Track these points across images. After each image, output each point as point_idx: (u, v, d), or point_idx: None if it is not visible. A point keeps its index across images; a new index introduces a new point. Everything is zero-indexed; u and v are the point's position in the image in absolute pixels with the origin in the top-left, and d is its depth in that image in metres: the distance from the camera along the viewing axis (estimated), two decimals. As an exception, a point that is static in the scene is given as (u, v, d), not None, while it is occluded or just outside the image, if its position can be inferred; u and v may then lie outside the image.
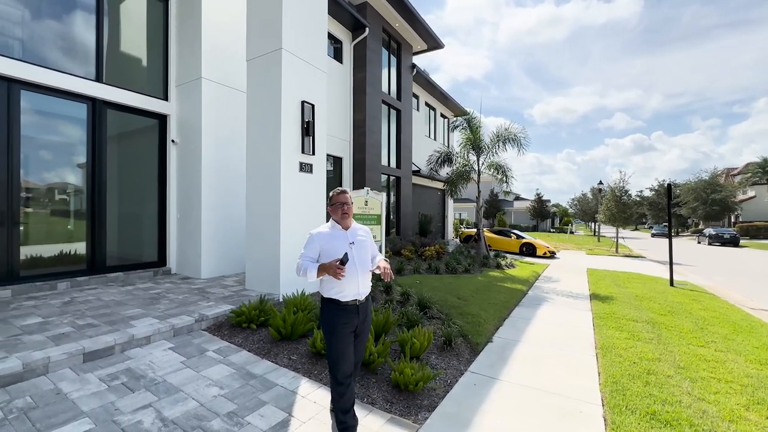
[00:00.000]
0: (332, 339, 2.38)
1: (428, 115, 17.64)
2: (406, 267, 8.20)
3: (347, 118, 11.47)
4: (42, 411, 2.53)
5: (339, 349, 2.36)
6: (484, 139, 11.33)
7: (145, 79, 6.63)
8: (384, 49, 12.74)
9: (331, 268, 2.22)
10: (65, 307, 4.46)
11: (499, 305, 6.06)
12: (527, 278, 8.82)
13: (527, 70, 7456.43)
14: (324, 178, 6.09)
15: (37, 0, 5.37)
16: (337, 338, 2.37)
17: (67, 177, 5.78)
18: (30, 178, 5.32)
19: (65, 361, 3.11)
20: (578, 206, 42.30)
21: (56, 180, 5.68)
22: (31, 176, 5.34)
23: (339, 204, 2.50)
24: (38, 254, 5.41)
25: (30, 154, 5.28)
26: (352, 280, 2.39)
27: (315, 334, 3.64)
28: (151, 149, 6.70)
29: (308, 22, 5.73)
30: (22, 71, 5.00)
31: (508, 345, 4.43)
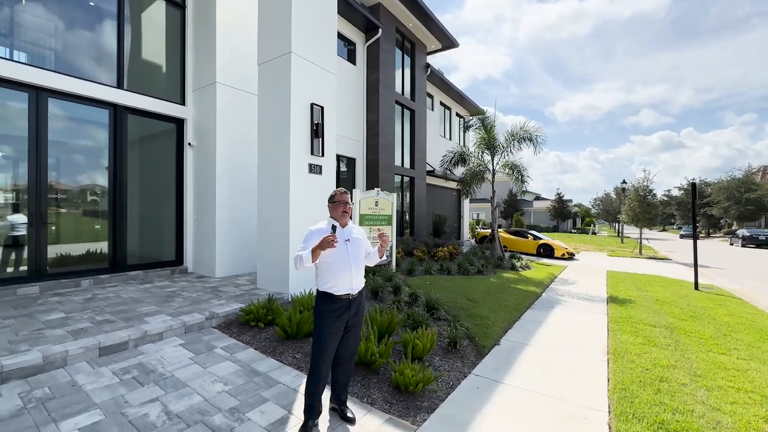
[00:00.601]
0: (320, 328, 2.50)
1: (443, 114, 17.52)
2: (417, 268, 8.17)
3: (361, 120, 11.53)
4: (58, 401, 2.67)
5: (324, 339, 2.48)
6: (499, 139, 11.15)
7: (163, 84, 6.88)
8: (397, 49, 12.74)
9: (323, 242, 2.29)
10: (86, 303, 4.69)
11: (510, 307, 5.96)
12: (542, 280, 8.63)
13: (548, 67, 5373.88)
14: (333, 179, 6.15)
15: (63, 12, 5.67)
16: (326, 329, 2.49)
17: (91, 179, 6.07)
18: (56, 180, 5.63)
19: (82, 354, 3.28)
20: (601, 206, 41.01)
21: (81, 182, 5.98)
22: (57, 179, 5.64)
23: (341, 203, 2.62)
24: (64, 253, 5.71)
25: (56, 157, 5.58)
26: (345, 274, 2.51)
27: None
28: (169, 152, 6.96)
29: (317, 25, 5.80)
30: (49, 80, 5.29)
31: (515, 348, 4.35)
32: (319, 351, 2.49)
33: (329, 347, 2.50)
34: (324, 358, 2.50)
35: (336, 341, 2.53)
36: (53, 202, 5.58)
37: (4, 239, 5.19)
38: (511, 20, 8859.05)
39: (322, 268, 2.55)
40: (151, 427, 2.45)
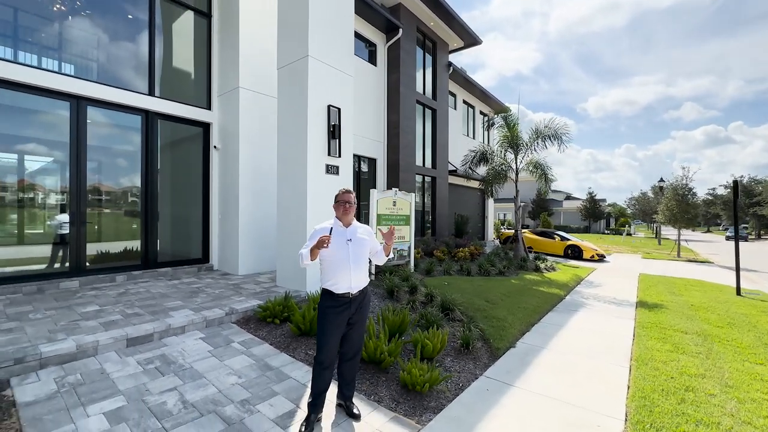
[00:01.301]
0: (322, 325, 2.58)
1: (466, 113, 17.27)
2: (436, 268, 8.11)
3: (381, 120, 11.59)
4: (87, 387, 2.89)
5: (326, 335, 2.55)
6: (523, 137, 10.86)
7: (191, 90, 7.23)
8: (418, 48, 12.70)
9: (318, 242, 2.38)
10: (119, 297, 5.01)
11: (530, 310, 5.80)
12: (566, 282, 8.33)
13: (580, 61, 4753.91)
14: (351, 179, 6.23)
15: (100, 26, 6.09)
16: (327, 325, 2.56)
17: (125, 182, 6.48)
18: (94, 183, 6.05)
19: (111, 344, 3.51)
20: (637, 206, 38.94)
21: (116, 184, 6.40)
22: (95, 181, 6.06)
23: (342, 202, 2.67)
24: (102, 251, 6.13)
25: (94, 161, 6.00)
26: (344, 274, 2.56)
27: (330, 331, 3.75)
28: (196, 155, 7.30)
29: (334, 29, 5.90)
30: (88, 89, 5.69)
31: (531, 351, 4.24)
32: (321, 346, 2.56)
33: (331, 343, 2.56)
34: (326, 354, 2.55)
35: (337, 337, 2.59)
36: (92, 203, 6.00)
37: (54, 237, 5.66)
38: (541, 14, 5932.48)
39: (325, 266, 2.62)
40: (167, 415, 2.59)
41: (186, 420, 2.54)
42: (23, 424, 2.40)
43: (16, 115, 5.32)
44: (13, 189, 5.40)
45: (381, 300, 5.53)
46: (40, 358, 3.12)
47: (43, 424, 2.42)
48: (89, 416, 2.52)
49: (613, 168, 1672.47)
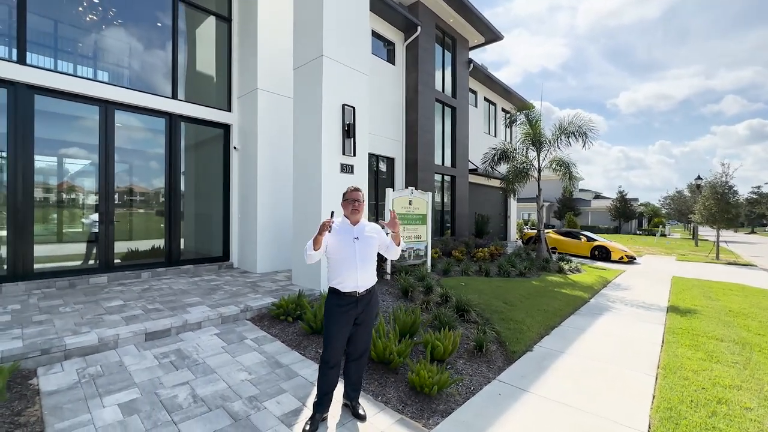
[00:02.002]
0: (328, 324, 2.56)
1: (488, 111, 16.92)
2: (453, 268, 7.97)
3: (400, 119, 11.53)
4: (106, 379, 3.00)
5: (332, 333, 2.53)
6: (546, 133, 10.50)
7: (212, 93, 7.44)
8: (438, 46, 12.54)
9: (320, 227, 2.41)
10: (143, 293, 5.21)
11: (550, 312, 5.59)
12: (591, 284, 7.98)
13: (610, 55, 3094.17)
14: (366, 178, 6.21)
15: (127, 34, 6.36)
16: (332, 324, 2.54)
17: (150, 182, 6.75)
18: (120, 183, 6.33)
19: (131, 338, 3.65)
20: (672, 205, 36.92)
21: (141, 185, 6.68)
22: (121, 182, 6.34)
23: (351, 200, 2.64)
24: (128, 248, 6.40)
25: (120, 163, 6.28)
26: (351, 272, 2.53)
27: (340, 330, 3.74)
28: (217, 156, 7.50)
29: (349, 27, 5.90)
30: (115, 94, 5.96)
31: (549, 356, 4.07)
32: (326, 345, 2.54)
33: (337, 342, 2.53)
34: (332, 353, 2.53)
35: (343, 337, 2.56)
36: (119, 203, 6.29)
37: (85, 236, 5.97)
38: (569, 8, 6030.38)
39: (331, 264, 2.60)
40: (177, 408, 2.65)
41: (195, 414, 2.59)
42: (44, 412, 2.52)
43: (52, 121, 5.64)
44: (50, 190, 5.73)
45: (395, 300, 5.48)
46: (65, 349, 3.27)
47: (62, 412, 2.53)
48: (105, 407, 2.62)
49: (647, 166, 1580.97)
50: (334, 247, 2.55)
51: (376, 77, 10.54)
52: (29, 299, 4.74)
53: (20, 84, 5.18)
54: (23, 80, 5.17)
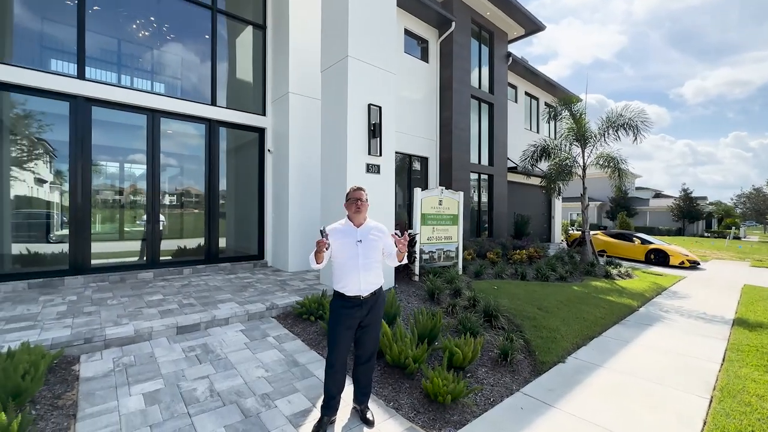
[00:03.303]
0: (333, 326, 2.53)
1: (529, 105, 16.11)
2: (487, 271, 7.65)
3: (434, 118, 11.33)
4: (137, 368, 3.21)
5: (337, 336, 2.50)
6: (591, 128, 9.76)
7: (248, 98, 7.78)
8: (474, 40, 12.16)
9: (317, 247, 2.37)
10: (181, 288, 5.55)
11: (590, 321, 5.16)
12: (643, 291, 7.27)
13: (674, 40, 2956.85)
14: (392, 178, 6.14)
15: (169, 45, 6.84)
16: (336, 327, 2.51)
17: (192, 184, 7.20)
18: (166, 185, 6.80)
19: (163, 331, 3.88)
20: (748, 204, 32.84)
21: (184, 187, 7.14)
22: (167, 184, 6.82)
23: (353, 200, 2.58)
24: (172, 246, 6.87)
25: (165, 166, 6.75)
26: (353, 276, 2.48)
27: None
28: (253, 159, 7.83)
29: (376, 27, 5.86)
30: (161, 103, 6.42)
31: (583, 369, 3.74)
32: (331, 349, 2.52)
33: (341, 345, 2.50)
34: (337, 356, 2.50)
35: (348, 340, 2.52)
36: (164, 205, 6.77)
37: (134, 234, 6.50)
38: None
39: (335, 268, 2.56)
40: (194, 401, 2.76)
41: (209, 408, 2.68)
42: (79, 397, 2.74)
43: (105, 129, 6.19)
44: (104, 193, 6.30)
45: (421, 302, 5.35)
46: (105, 339, 3.55)
47: (93, 398, 2.74)
48: (131, 396, 2.79)
49: (718, 160, 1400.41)
50: (337, 250, 2.52)
51: (409, 76, 10.45)
52: (85, 291, 5.23)
53: (80, 97, 5.74)
54: (82, 93, 5.72)
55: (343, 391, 2.61)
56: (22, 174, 5.71)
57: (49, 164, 5.96)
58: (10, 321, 3.89)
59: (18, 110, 5.63)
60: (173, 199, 7.01)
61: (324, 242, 2.33)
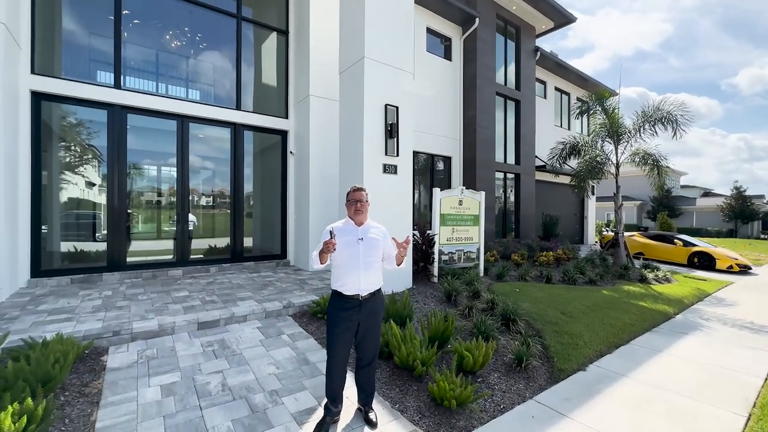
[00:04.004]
0: (331, 327, 2.55)
1: (559, 101, 15.48)
2: (510, 273, 7.41)
3: (457, 116, 11.14)
4: (158, 361, 3.38)
5: (334, 338, 2.51)
6: (625, 123, 9.22)
7: (271, 102, 8.00)
8: (499, 36, 11.84)
9: (324, 246, 2.36)
10: (207, 286, 5.80)
11: (617, 328, 4.87)
12: (681, 297, 6.78)
13: (727, 26, 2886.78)
14: (410, 178, 6.11)
15: (197, 53, 7.17)
16: (334, 328, 2.52)
17: (218, 186, 7.52)
18: (197, 187, 7.14)
19: (185, 326, 4.06)
20: (813, 203, 29.75)
21: (210, 188, 7.46)
22: (197, 186, 7.15)
23: (353, 201, 2.60)
24: (200, 245, 7.20)
25: (193, 169, 7.08)
26: (353, 274, 2.49)
27: (368, 332, 3.71)
28: (276, 161, 8.05)
29: (392, 27, 5.86)
30: (189, 109, 6.74)
31: (605, 378, 3.54)
32: (329, 350, 2.54)
33: (339, 346, 2.50)
34: (335, 358, 2.51)
35: (346, 341, 2.52)
36: (194, 205, 7.10)
37: (166, 234, 6.88)
38: None
39: (334, 266, 2.58)
40: (207, 394, 2.87)
41: (219, 402, 2.78)
42: (104, 386, 2.92)
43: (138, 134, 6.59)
44: (139, 194, 6.71)
45: (438, 304, 5.28)
46: (132, 332, 3.77)
47: (116, 388, 2.91)
48: (149, 387, 2.95)
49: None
50: (338, 249, 2.49)
51: (431, 76, 10.34)
52: (120, 287, 5.59)
53: (116, 105, 6.14)
54: (118, 102, 6.11)
55: (344, 392, 2.63)
56: (72, 177, 6.25)
57: (97, 168, 6.43)
58: (52, 313, 4.23)
59: (67, 119, 6.18)
60: (201, 200, 7.35)
61: (333, 242, 2.33)
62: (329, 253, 2.39)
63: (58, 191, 6.06)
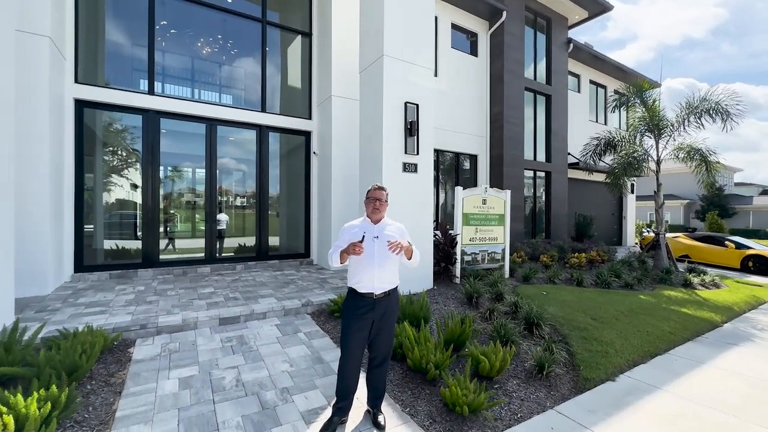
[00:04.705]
0: (345, 326, 2.54)
1: (595, 95, 14.67)
2: (537, 275, 7.09)
3: (483, 113, 10.85)
4: (179, 354, 3.51)
5: (348, 336, 2.49)
6: (667, 116, 8.57)
7: (295, 104, 8.15)
8: (528, 28, 11.40)
9: (348, 248, 2.36)
10: (232, 283, 5.98)
11: (654, 336, 4.52)
12: (731, 305, 6.19)
13: None
14: (431, 177, 6.00)
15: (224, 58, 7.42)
16: (350, 326, 2.50)
17: (245, 186, 7.75)
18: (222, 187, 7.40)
19: (207, 322, 4.20)
20: None
21: (237, 189, 7.70)
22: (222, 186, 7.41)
23: (372, 199, 2.59)
24: (229, 244, 7.46)
25: (220, 170, 7.34)
26: (367, 272, 2.48)
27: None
28: (299, 161, 8.18)
29: (412, 25, 5.77)
30: (217, 112, 6.99)
31: (637, 390, 3.27)
32: (343, 349, 2.51)
33: (353, 345, 2.48)
34: (348, 356, 2.49)
35: (360, 341, 2.50)
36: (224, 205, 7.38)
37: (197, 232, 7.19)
38: None
39: (351, 264, 2.60)
40: (220, 389, 2.93)
41: (232, 397, 2.83)
42: (127, 377, 3.06)
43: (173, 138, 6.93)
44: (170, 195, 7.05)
45: (458, 305, 5.14)
46: (157, 326, 3.94)
47: (138, 378, 3.04)
48: (169, 379, 3.06)
49: None
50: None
51: (456, 72, 10.13)
52: (152, 283, 5.89)
53: (150, 110, 6.48)
54: (152, 107, 6.44)
55: (355, 392, 2.59)
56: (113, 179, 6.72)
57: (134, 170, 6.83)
58: (89, 306, 4.51)
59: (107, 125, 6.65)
60: (229, 201, 7.61)
61: (360, 246, 2.31)
62: (350, 254, 2.37)
63: (100, 192, 6.49)
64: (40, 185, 4.97)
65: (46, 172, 5.02)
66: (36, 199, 4.94)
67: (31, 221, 4.88)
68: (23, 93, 4.68)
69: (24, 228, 4.68)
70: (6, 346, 2.88)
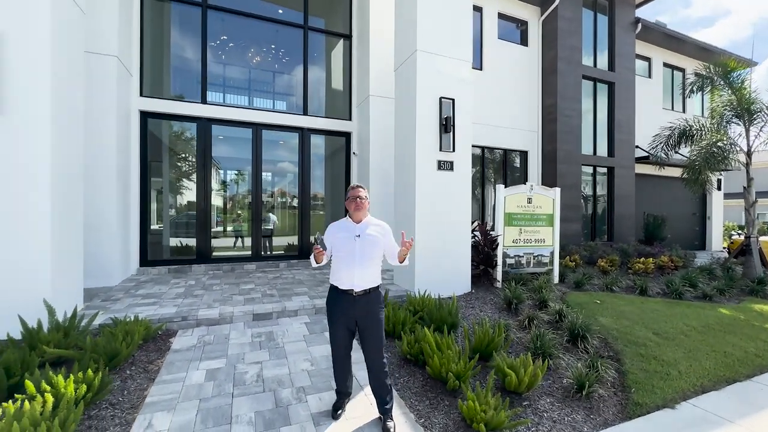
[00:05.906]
0: (329, 321, 2.67)
1: (670, 79, 12.98)
2: (592, 281, 6.40)
3: (535, 107, 10.13)
4: (212, 347, 3.70)
5: (333, 332, 2.65)
6: (761, 99, 7.25)
7: (336, 105, 8.30)
8: (587, 10, 10.41)
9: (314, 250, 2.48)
10: (272, 280, 6.23)
11: (734, 358, 3.82)
12: None
13: None
14: (468, 175, 5.71)
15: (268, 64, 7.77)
16: (333, 323, 2.63)
17: (287, 187, 8.05)
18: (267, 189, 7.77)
19: (242, 317, 4.39)
20: None
21: (281, 190, 8.02)
22: (267, 188, 7.78)
23: (353, 198, 2.62)
24: (275, 242, 7.80)
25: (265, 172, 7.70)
26: (348, 270, 2.52)
27: (404, 338, 3.53)
28: (340, 162, 8.31)
29: (448, 17, 5.54)
30: (262, 117, 7.35)
31: (702, 422, 2.76)
32: (331, 345, 2.67)
33: (338, 341, 2.63)
34: (336, 354, 2.65)
35: (345, 338, 2.60)
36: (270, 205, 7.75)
37: (244, 231, 7.65)
38: None
39: (333, 262, 2.64)
40: (241, 383, 3.03)
41: (250, 392, 2.90)
42: (162, 365, 3.29)
43: (222, 143, 7.43)
44: (220, 196, 7.56)
45: (496, 311, 4.81)
46: (197, 319, 4.21)
47: (172, 367, 3.25)
48: (198, 370, 3.23)
49: None
50: (336, 245, 2.58)
51: (503, 64, 9.59)
52: (202, 278, 6.34)
53: (203, 118, 7.00)
54: (204, 115, 6.96)
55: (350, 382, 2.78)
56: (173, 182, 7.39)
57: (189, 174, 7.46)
58: (145, 297, 4.96)
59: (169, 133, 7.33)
60: (274, 201, 7.97)
61: (319, 250, 2.44)
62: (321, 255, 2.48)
63: (166, 194, 7.18)
64: (108, 188, 5.59)
65: (114, 176, 5.64)
66: (105, 200, 5.57)
67: (101, 220, 5.51)
68: (93, 108, 5.30)
69: (94, 226, 5.30)
70: (66, 330, 3.25)
